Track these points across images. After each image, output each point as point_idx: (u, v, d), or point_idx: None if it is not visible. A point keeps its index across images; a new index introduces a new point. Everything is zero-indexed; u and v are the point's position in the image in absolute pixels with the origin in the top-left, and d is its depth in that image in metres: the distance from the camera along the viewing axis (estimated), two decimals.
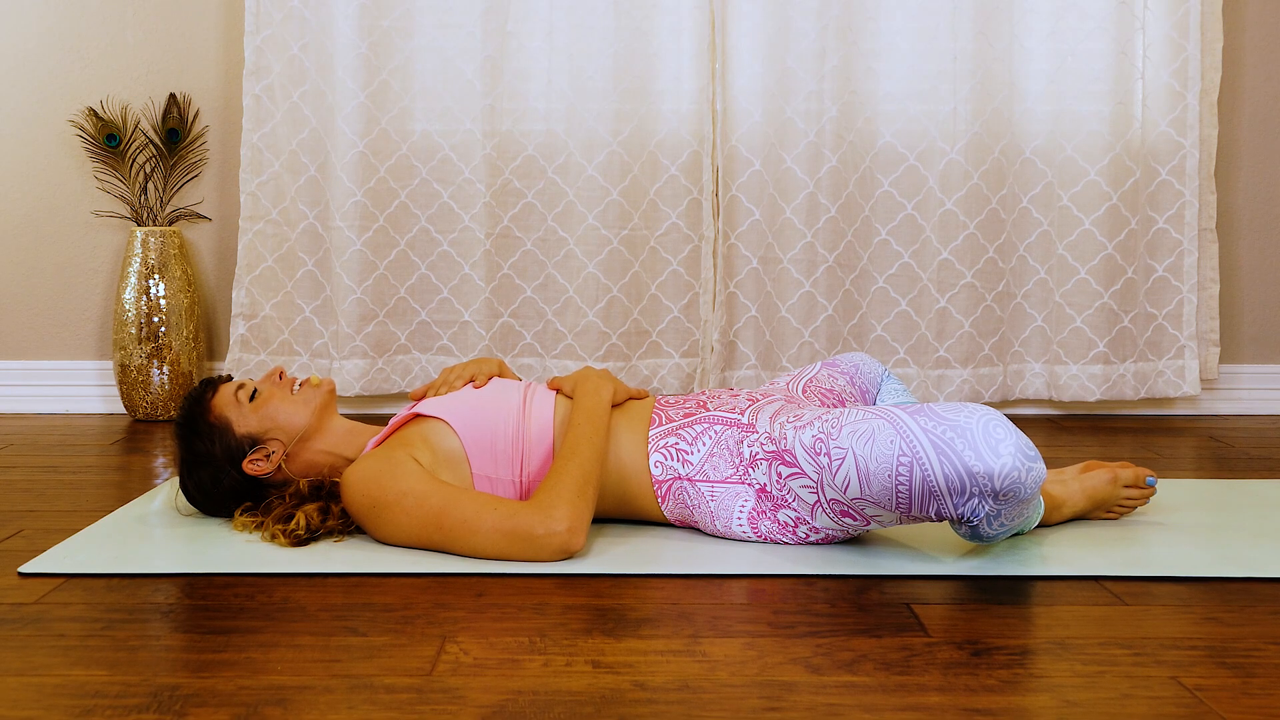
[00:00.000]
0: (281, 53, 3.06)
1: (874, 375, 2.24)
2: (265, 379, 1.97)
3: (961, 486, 1.62)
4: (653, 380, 3.15)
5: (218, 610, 1.56)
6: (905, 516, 1.70)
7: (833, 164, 3.07)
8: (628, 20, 3.04)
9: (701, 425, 1.87)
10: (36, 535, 1.92)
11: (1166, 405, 3.26)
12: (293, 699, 1.26)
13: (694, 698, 1.27)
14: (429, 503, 1.75)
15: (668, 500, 1.87)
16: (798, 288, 3.10)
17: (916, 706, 1.25)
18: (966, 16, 3.04)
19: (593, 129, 3.06)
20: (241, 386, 1.94)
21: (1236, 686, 1.31)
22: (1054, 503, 1.95)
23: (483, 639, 1.44)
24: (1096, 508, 2.00)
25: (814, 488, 1.74)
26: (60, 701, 1.26)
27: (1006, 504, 1.63)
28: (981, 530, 1.69)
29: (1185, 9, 3.05)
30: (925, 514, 1.68)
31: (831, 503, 1.74)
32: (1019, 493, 1.61)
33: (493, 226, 3.11)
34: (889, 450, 1.65)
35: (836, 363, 2.24)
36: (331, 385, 1.98)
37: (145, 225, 3.15)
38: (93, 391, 3.25)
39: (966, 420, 1.63)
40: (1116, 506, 2.01)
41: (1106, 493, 1.99)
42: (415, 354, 3.17)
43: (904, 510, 1.68)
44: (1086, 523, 2.00)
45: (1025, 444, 1.61)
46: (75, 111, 3.18)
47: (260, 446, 1.91)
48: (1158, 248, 3.12)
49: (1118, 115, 3.06)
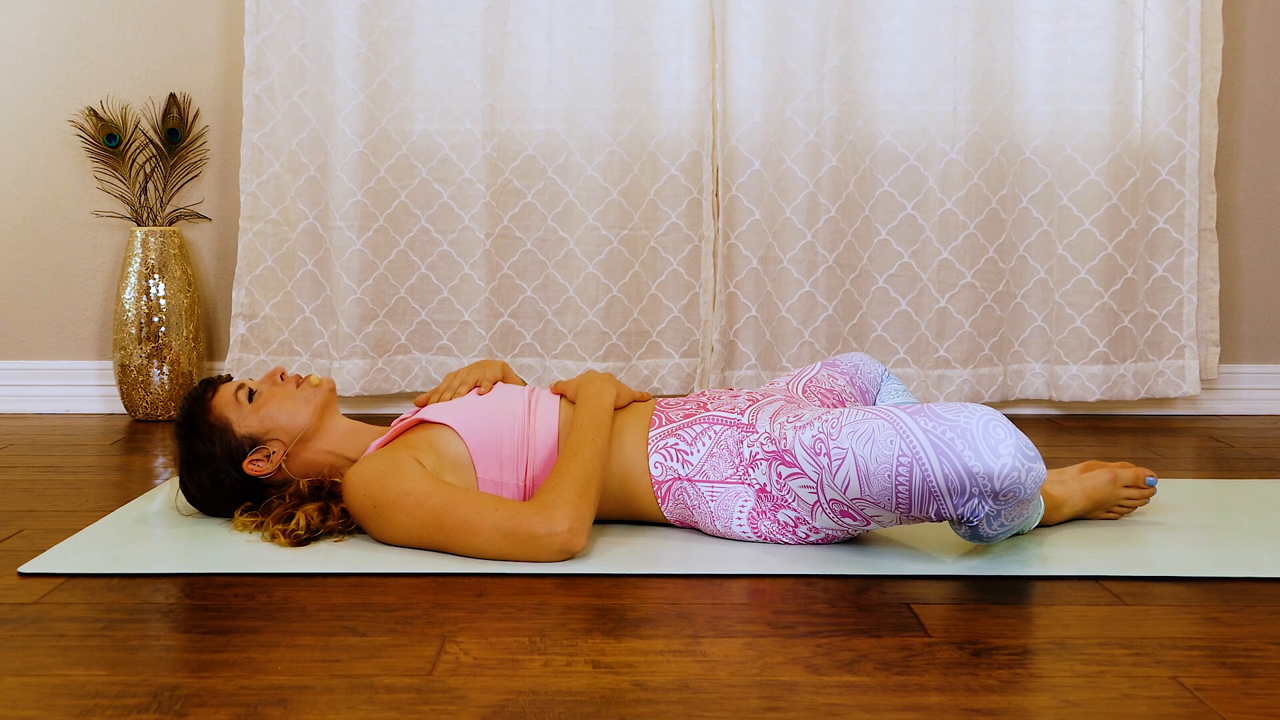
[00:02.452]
0: (281, 53, 3.06)
1: (874, 375, 2.24)
2: (265, 379, 1.97)
3: (961, 487, 1.62)
4: (653, 380, 3.15)
5: (218, 610, 1.56)
6: (905, 516, 1.70)
7: (833, 164, 3.07)
8: (628, 20, 3.04)
9: (701, 425, 1.87)
10: (36, 535, 1.92)
11: (1166, 405, 3.26)
12: (293, 699, 1.26)
13: (694, 698, 1.27)
14: (430, 503, 1.75)
15: (668, 501, 1.87)
16: (798, 288, 3.10)
17: (916, 706, 1.25)
18: (966, 16, 3.05)
19: (593, 129, 3.06)
20: (241, 387, 1.94)
21: (1236, 686, 1.31)
22: (1054, 503, 1.95)
23: (483, 639, 1.44)
24: (1096, 508, 2.00)
25: (814, 488, 1.74)
26: (60, 701, 1.26)
27: (1006, 504, 1.63)
28: (981, 530, 1.70)
29: (1185, 9, 3.05)
30: (925, 514, 1.68)
31: (831, 503, 1.74)
32: (1019, 493, 1.61)
33: (493, 226, 3.11)
34: (889, 450, 1.65)
35: (836, 363, 2.23)
36: (332, 385, 1.98)
37: (145, 225, 3.15)
38: (93, 391, 3.25)
39: (966, 421, 1.63)
40: (1116, 507, 2.01)
41: (1106, 493, 1.99)
42: (415, 354, 3.17)
43: (904, 510, 1.68)
44: (1086, 522, 2.00)
45: (1025, 444, 1.61)
46: (75, 111, 3.18)
47: (261, 447, 1.91)
48: (1158, 248, 3.12)
49: (1118, 115, 3.06)
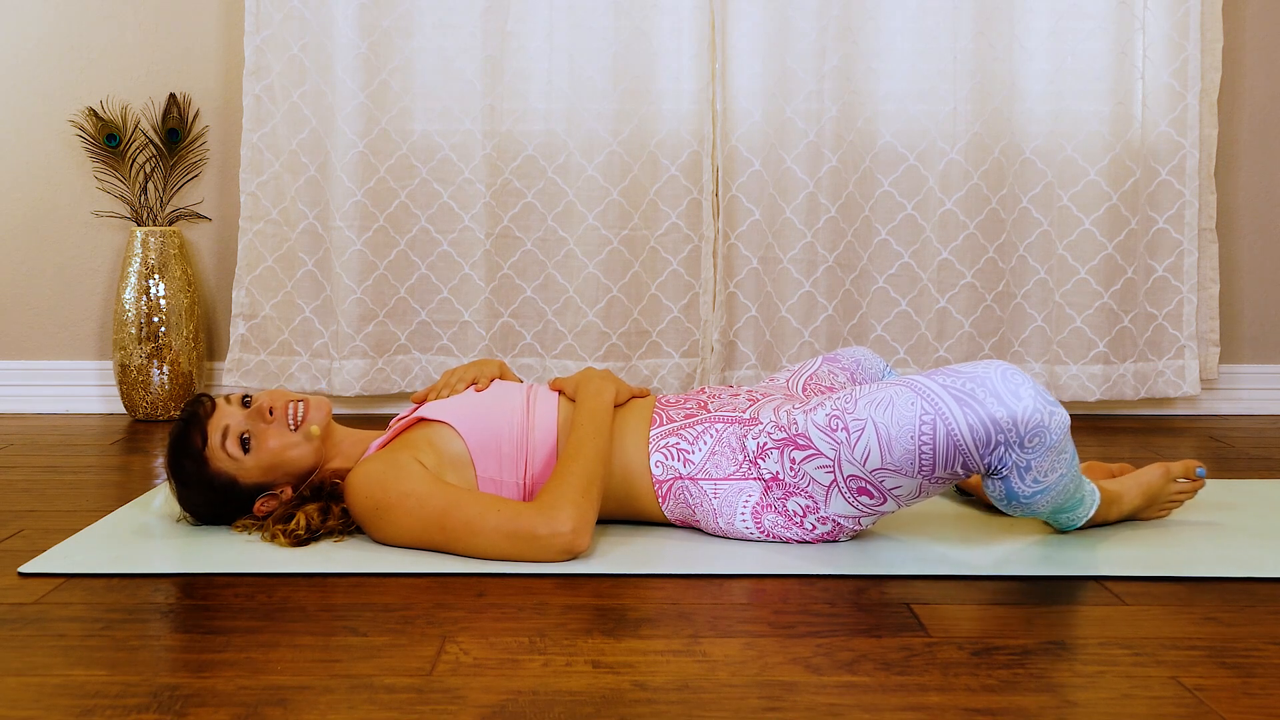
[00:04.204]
0: (281, 53, 3.06)
1: (875, 370, 2.24)
2: (254, 413, 1.84)
3: (987, 436, 1.64)
4: (653, 380, 3.15)
5: (218, 610, 1.56)
6: (928, 480, 1.71)
7: (833, 164, 3.07)
8: (628, 20, 3.04)
9: (702, 425, 1.87)
10: (36, 535, 1.92)
11: (1166, 405, 3.26)
12: (293, 699, 1.26)
13: (694, 698, 1.27)
14: (432, 504, 1.75)
15: (668, 500, 1.87)
16: (798, 288, 3.10)
17: (916, 706, 1.25)
18: (966, 16, 3.04)
19: (593, 129, 3.06)
20: (227, 435, 1.82)
21: (1236, 686, 1.31)
22: (1111, 496, 1.93)
23: (483, 639, 1.44)
24: (1150, 504, 1.97)
25: (830, 467, 1.74)
26: (60, 701, 1.26)
27: (1034, 452, 1.65)
28: (1015, 486, 1.70)
29: (1185, 9, 3.05)
30: (951, 471, 1.69)
31: (849, 480, 1.74)
32: (1044, 437, 1.64)
33: (493, 226, 3.11)
34: (910, 411, 1.68)
35: (838, 358, 2.23)
36: (328, 407, 1.89)
37: (145, 225, 3.15)
38: (93, 391, 3.25)
39: (985, 371, 1.67)
40: (1167, 503, 1.99)
41: (1159, 487, 1.98)
42: (415, 354, 3.17)
43: (927, 473, 1.69)
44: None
45: (1043, 390, 1.66)
46: (75, 111, 3.18)
47: (270, 494, 1.88)
48: (1158, 248, 3.12)
49: (1118, 115, 3.06)
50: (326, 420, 1.89)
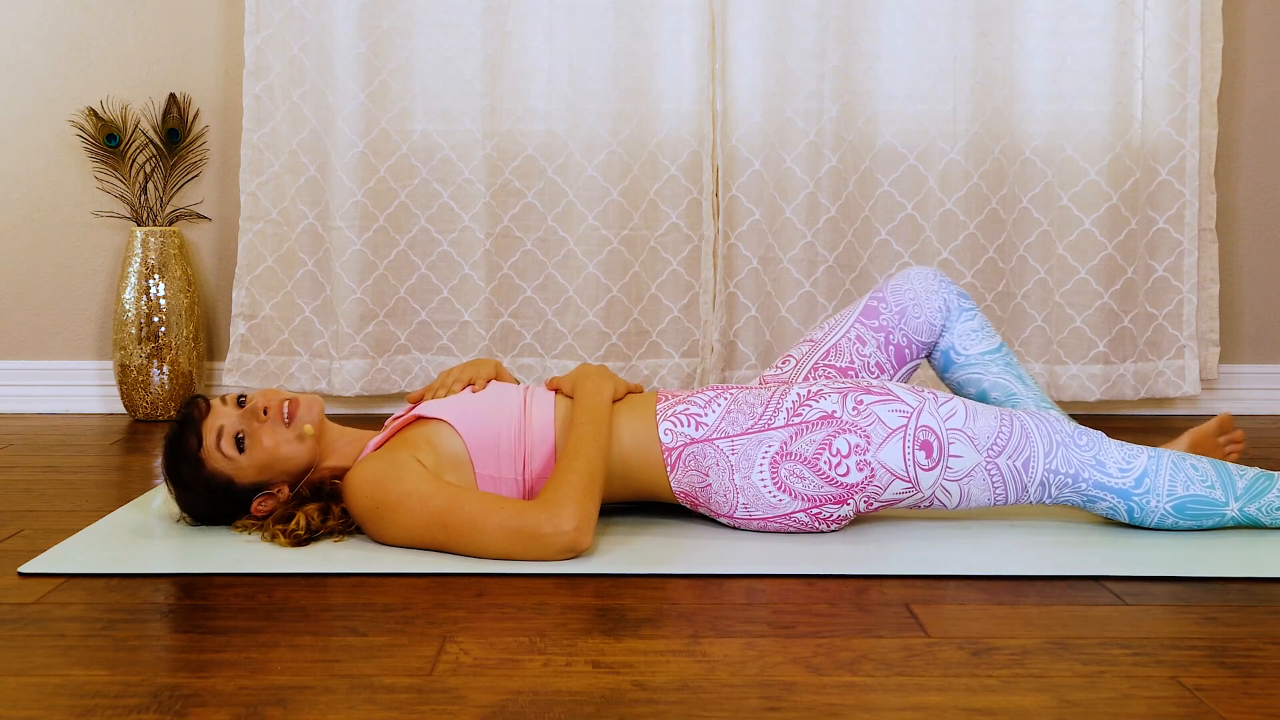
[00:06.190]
0: (281, 53, 3.06)
1: (930, 320, 2.03)
2: (248, 413, 1.84)
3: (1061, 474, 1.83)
4: (653, 380, 3.15)
5: (218, 610, 1.56)
6: (989, 464, 1.81)
7: (833, 164, 3.07)
8: (628, 20, 3.04)
9: (714, 391, 1.91)
10: (36, 535, 1.92)
11: (1166, 405, 3.26)
12: (293, 699, 1.26)
13: (694, 698, 1.27)
14: (434, 503, 1.75)
15: (677, 469, 1.86)
16: (798, 288, 3.10)
17: (916, 706, 1.25)
18: (966, 16, 3.04)
19: (593, 129, 3.06)
20: (222, 435, 1.82)
21: (1236, 686, 1.31)
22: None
23: (483, 639, 1.44)
24: None
25: (908, 412, 1.80)
26: (60, 701, 1.26)
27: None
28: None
29: (1185, 9, 3.05)
30: (1015, 464, 1.81)
31: (920, 429, 1.79)
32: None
33: (493, 226, 3.11)
34: (993, 421, 1.83)
35: (878, 308, 2.04)
36: (320, 405, 1.89)
37: (145, 225, 3.15)
38: (93, 391, 3.25)
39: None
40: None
41: (1210, 446, 2.11)
42: (415, 354, 3.17)
43: (994, 454, 1.80)
44: (1086, 523, 1.98)
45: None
46: (75, 111, 3.18)
47: (267, 493, 1.88)
48: (1158, 248, 3.12)
49: (1118, 115, 3.06)
50: (319, 419, 1.89)
